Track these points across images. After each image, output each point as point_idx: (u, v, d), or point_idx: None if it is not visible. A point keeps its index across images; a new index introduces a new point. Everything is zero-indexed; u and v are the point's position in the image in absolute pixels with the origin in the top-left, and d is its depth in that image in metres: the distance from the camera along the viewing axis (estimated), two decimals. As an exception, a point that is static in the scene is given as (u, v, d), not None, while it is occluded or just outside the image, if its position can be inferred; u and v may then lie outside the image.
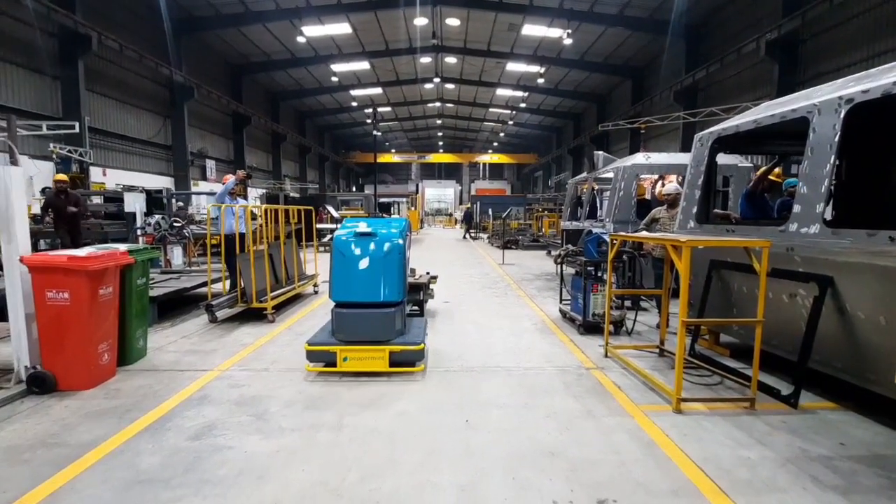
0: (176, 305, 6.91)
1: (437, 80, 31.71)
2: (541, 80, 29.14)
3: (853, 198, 4.95)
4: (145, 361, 4.59)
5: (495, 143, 53.52)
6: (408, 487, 2.54)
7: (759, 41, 14.88)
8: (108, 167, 17.52)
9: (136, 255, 4.40)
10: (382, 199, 28.05)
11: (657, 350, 4.92)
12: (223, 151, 26.88)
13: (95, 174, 16.33)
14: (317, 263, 9.19)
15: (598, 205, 10.47)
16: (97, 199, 12.78)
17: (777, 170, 5.57)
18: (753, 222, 4.94)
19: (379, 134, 43.12)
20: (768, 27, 14.50)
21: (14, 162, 3.63)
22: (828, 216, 3.78)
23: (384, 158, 52.15)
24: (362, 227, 4.38)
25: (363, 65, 28.47)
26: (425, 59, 28.69)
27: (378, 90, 33.75)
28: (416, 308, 6.15)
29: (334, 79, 30.47)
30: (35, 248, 7.09)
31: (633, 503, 2.43)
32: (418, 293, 6.17)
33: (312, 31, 23.13)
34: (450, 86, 34.19)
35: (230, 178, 7.04)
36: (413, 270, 6.50)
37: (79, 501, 2.40)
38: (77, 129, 13.29)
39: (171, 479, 2.58)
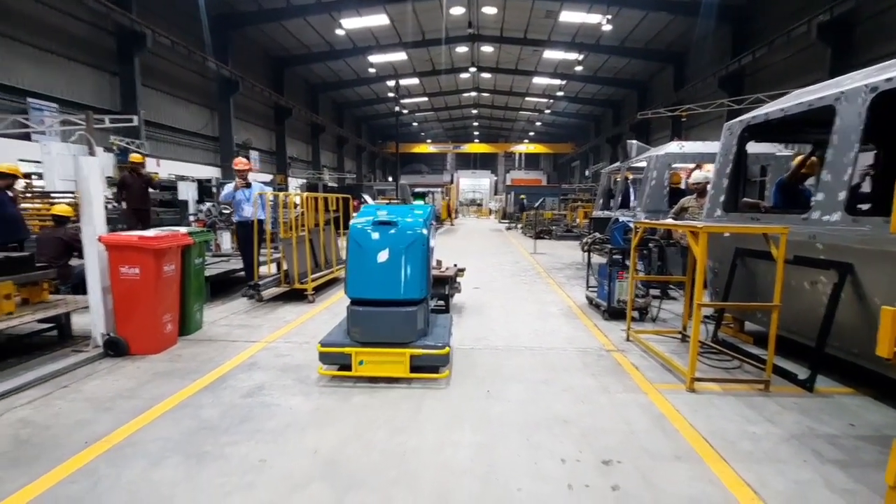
0: (226, 286, 7.49)
1: (472, 69, 31.67)
2: (579, 68, 28.66)
3: (878, 185, 4.87)
4: (201, 333, 5.10)
5: (531, 133, 52.95)
6: (431, 443, 2.85)
7: (810, 23, 14.19)
8: (162, 158, 18.63)
9: (195, 237, 4.88)
10: (417, 189, 28.44)
11: (679, 335, 5.03)
12: (266, 143, 27.94)
13: (150, 165, 17.41)
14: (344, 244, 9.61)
15: (632, 194, 10.43)
16: (152, 189, 13.70)
17: (813, 159, 5.49)
18: (781, 210, 4.94)
19: (406, 111, 43.34)
20: (820, 8, 13.80)
21: (91, 153, 4.11)
22: (851, 204, 3.80)
23: (420, 149, 52.61)
24: (382, 214, 3.89)
25: (400, 55, 28.79)
26: (461, 49, 28.74)
27: (415, 80, 34.04)
28: (441, 303, 5.86)
29: (371, 70, 30.97)
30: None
31: (637, 465, 2.65)
32: (444, 287, 5.80)
33: (351, 23, 23.62)
34: (486, 75, 34.07)
35: (229, 186, 7.06)
36: (439, 262, 6.23)
37: (154, 440, 2.83)
38: (135, 123, 14.25)
39: (228, 428, 2.99)
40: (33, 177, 11.33)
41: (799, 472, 2.59)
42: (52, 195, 10.45)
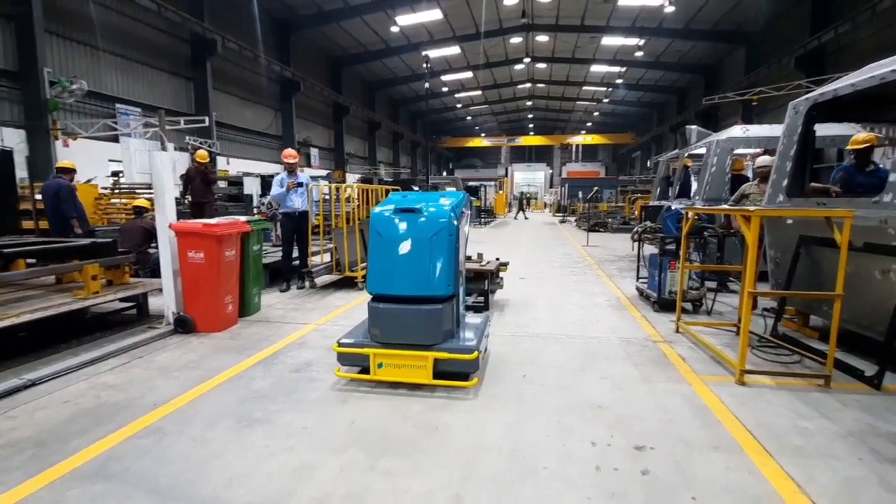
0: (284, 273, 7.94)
1: (527, 60, 31.16)
2: (639, 54, 27.44)
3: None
4: (259, 315, 5.47)
5: (589, 124, 51.33)
6: (462, 420, 2.93)
7: (901, -7, 12.76)
8: (231, 156, 19.92)
9: (253, 225, 5.24)
10: (470, 183, 28.47)
11: (734, 328, 4.78)
12: (325, 140, 29.06)
13: (221, 163, 18.70)
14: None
15: (693, 183, 9.91)
16: (222, 184, 14.72)
17: (871, 136, 4.97)
18: (853, 194, 4.55)
19: (460, 106, 43.46)
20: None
21: (164, 148, 4.55)
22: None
23: (473, 143, 52.54)
24: (406, 201, 3.56)
25: (454, 49, 28.86)
26: (515, 40, 28.36)
27: (468, 74, 34.01)
28: (480, 300, 5.55)
29: (426, 65, 31.21)
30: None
31: (671, 452, 2.59)
32: (483, 282, 5.43)
33: (405, 19, 23.98)
34: (541, 65, 33.40)
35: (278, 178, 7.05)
36: (480, 256, 6.02)
37: (212, 404, 3.12)
38: (206, 123, 15.36)
39: (276, 397, 3.23)
40: (120, 174, 12.53)
41: (852, 469, 2.42)
42: (136, 190, 11.54)
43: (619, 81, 34.65)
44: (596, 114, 47.22)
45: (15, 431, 2.78)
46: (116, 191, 11.98)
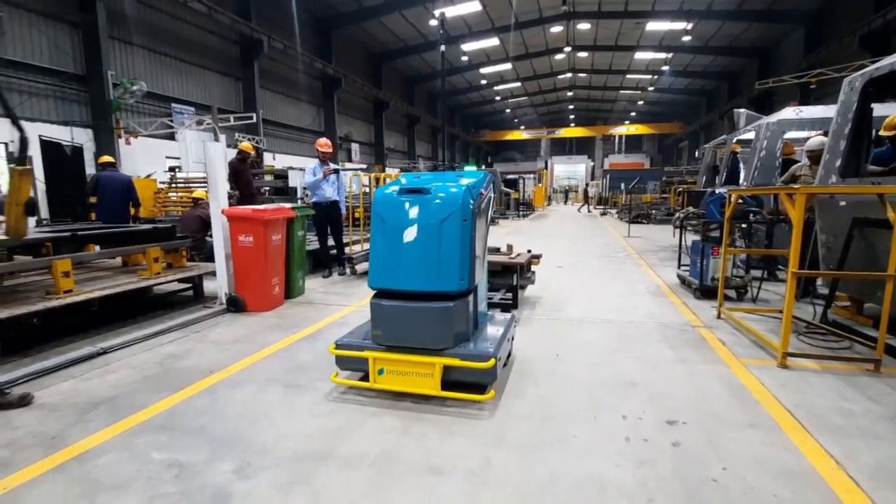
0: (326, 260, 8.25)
1: (567, 49, 30.51)
2: (687, 38, 26.35)
3: None
4: (303, 297, 5.75)
5: (633, 113, 49.74)
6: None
7: None
8: (277, 152, 20.69)
9: (297, 212, 5.51)
10: (508, 176, 28.29)
11: (780, 314, 4.60)
12: (365, 135, 29.63)
13: (267, 158, 19.47)
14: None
15: (742, 170, 9.50)
16: (268, 178, 15.36)
17: None
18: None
19: (498, 98, 43.10)
20: None
21: (216, 139, 4.88)
22: None
23: (513, 136, 52.04)
24: (415, 181, 3.11)
25: (493, 41, 28.69)
26: (556, 29, 27.84)
27: (507, 66, 33.71)
28: (508, 297, 4.95)
29: (464, 58, 31.25)
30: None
31: (704, 427, 2.58)
32: (510, 277, 4.93)
33: (444, 12, 24.02)
34: (582, 54, 32.64)
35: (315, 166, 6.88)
36: (510, 247, 5.49)
37: (261, 372, 3.36)
38: (254, 120, 16.05)
39: (318, 369, 3.43)
40: (177, 170, 13.31)
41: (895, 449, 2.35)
42: (190, 185, 12.25)
43: (665, 68, 33.39)
44: (640, 103, 45.70)
45: (91, 391, 3.10)
46: (173, 185, 12.76)
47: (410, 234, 2.85)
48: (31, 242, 4.29)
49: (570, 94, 43.89)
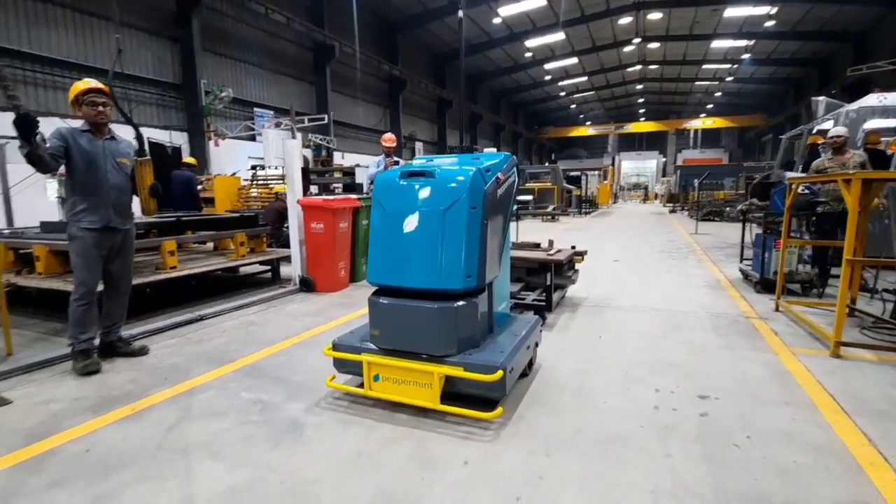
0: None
1: (637, 40, 29.43)
2: (770, 23, 24.53)
3: None
4: (366, 281, 6.26)
5: (709, 106, 46.78)
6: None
7: None
8: (346, 151, 21.82)
9: (363, 202, 6.01)
10: (572, 173, 27.82)
11: (846, 309, 4.43)
12: (429, 134, 30.34)
13: (336, 157, 20.62)
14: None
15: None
16: (337, 175, 16.35)
17: None
18: None
19: (563, 94, 42.24)
20: None
21: (293, 136, 5.48)
22: None
23: (578, 132, 50.82)
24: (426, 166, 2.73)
25: (558, 36, 28.25)
26: (625, 20, 26.94)
27: (573, 60, 33.03)
28: (543, 297, 4.36)
29: (528, 54, 31.07)
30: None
31: (736, 402, 2.67)
32: (543, 276, 4.39)
33: (507, 10, 24.09)
34: (653, 45, 31.27)
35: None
36: (551, 243, 5.12)
37: (328, 339, 3.82)
38: (325, 121, 17.10)
39: (378, 339, 3.85)
40: (258, 168, 14.55)
41: (941, 434, 2.33)
42: (269, 182, 13.36)
43: (745, 57, 31.19)
44: (718, 94, 42.91)
45: (191, 346, 3.72)
46: (254, 182, 13.97)
47: (411, 223, 2.51)
48: (146, 225, 5.08)
49: (639, 87, 42.16)
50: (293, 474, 2.05)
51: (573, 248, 5.05)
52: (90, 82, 3.22)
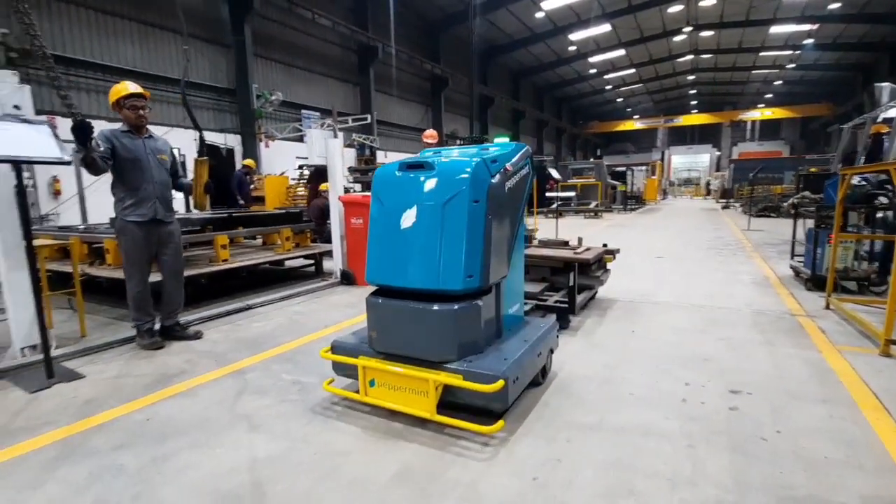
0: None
1: (688, 29, 28.20)
2: (835, 6, 22.92)
3: None
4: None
5: (768, 95, 44.13)
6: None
7: None
8: (388, 150, 22.26)
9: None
10: (617, 168, 27.07)
11: (905, 307, 4.16)
12: (469, 132, 30.40)
13: (379, 156, 21.08)
14: (536, 221, 10.21)
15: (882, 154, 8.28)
16: (380, 174, 16.72)
17: None
18: None
19: (609, 87, 41.07)
20: None
21: (335, 136, 5.74)
22: None
23: (625, 126, 49.34)
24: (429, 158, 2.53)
25: (603, 28, 27.56)
26: (674, 8, 25.87)
27: (619, 52, 32.10)
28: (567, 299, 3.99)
29: (572, 48, 30.48)
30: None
31: (769, 398, 2.61)
32: (566, 276, 4.06)
33: (550, 3, 23.76)
34: (706, 33, 29.86)
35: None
36: (580, 240, 4.91)
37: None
38: (368, 121, 17.54)
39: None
40: (304, 167, 15.15)
41: None
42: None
43: (808, 42, 29.22)
44: (778, 83, 40.40)
45: (240, 332, 4.00)
46: (301, 181, 14.55)
47: (409, 218, 2.36)
48: (202, 221, 5.47)
49: (691, 77, 40.36)
50: (325, 446, 2.22)
51: (604, 245, 4.82)
52: (131, 87, 3.51)
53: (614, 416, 2.45)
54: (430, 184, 2.35)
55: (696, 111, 48.21)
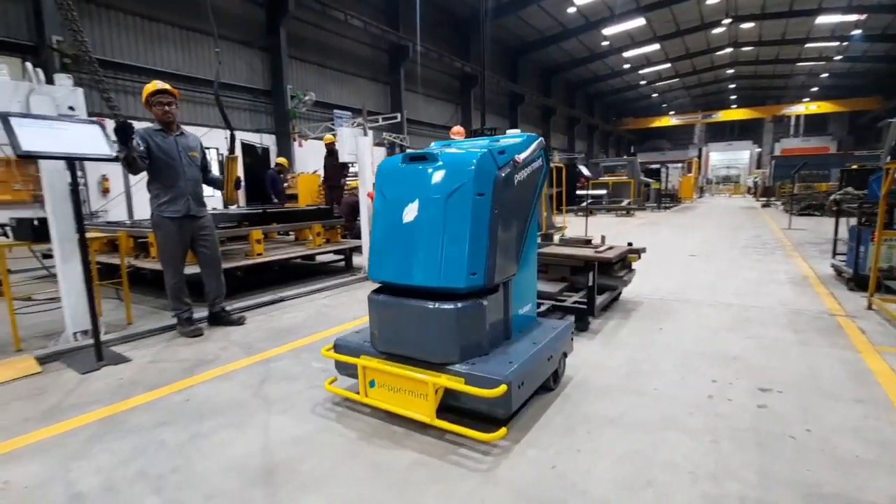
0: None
1: (727, 21, 27.22)
2: (890, -8, 21.60)
3: None
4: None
5: (814, 89, 42.05)
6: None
7: None
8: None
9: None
10: (651, 166, 26.43)
11: (956, 309, 3.94)
12: (500, 130, 30.27)
13: (409, 154, 21.27)
14: (565, 219, 10.13)
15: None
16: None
17: None
18: None
19: (643, 83, 40.08)
20: None
21: (364, 134, 5.88)
22: None
23: (660, 123, 48.08)
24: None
25: (637, 22, 26.94)
26: (712, 0, 25.06)
27: (654, 46, 31.29)
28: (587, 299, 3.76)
29: (605, 43, 29.92)
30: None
31: (800, 397, 2.55)
32: (586, 276, 3.82)
33: (583, -2, 23.42)
34: (747, 25, 28.74)
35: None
36: (603, 238, 4.82)
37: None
38: (398, 120, 17.73)
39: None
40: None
41: None
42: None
43: (856, 33, 27.72)
44: (824, 76, 38.47)
45: (273, 322, 4.16)
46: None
47: (411, 212, 2.25)
48: (238, 217, 5.70)
49: (730, 71, 38.91)
50: (350, 429, 2.31)
51: (629, 244, 4.62)
52: (159, 84, 3.69)
53: (634, 413, 2.44)
54: (432, 176, 2.25)
55: (735, 106, 46.51)
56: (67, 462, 2.07)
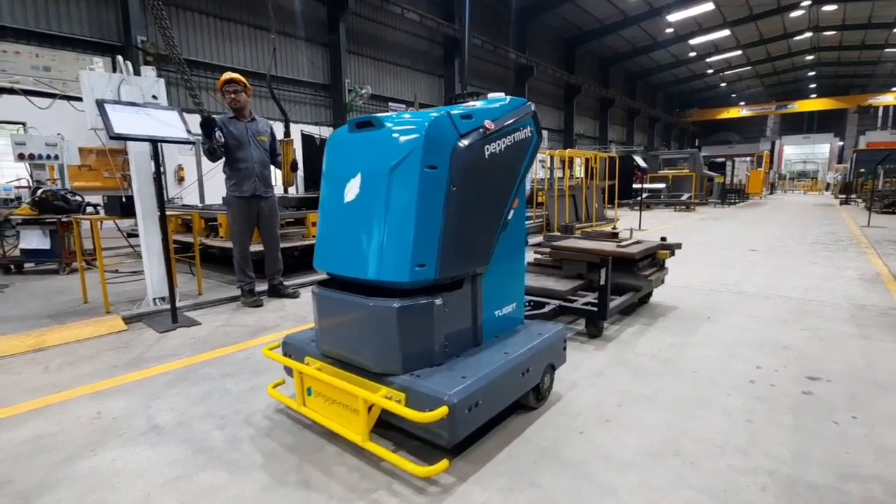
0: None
1: (807, 3, 25.18)
2: None
3: None
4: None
5: (909, 76, 38.06)
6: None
7: None
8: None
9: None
10: (717, 159, 25.01)
11: None
12: (554, 121, 29.70)
13: (461, 146, 21.42)
14: (617, 212, 9.90)
15: None
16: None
17: None
18: None
19: (711, 71, 37.83)
20: None
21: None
22: None
23: (728, 114, 45.31)
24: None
25: (706, 7, 25.49)
26: (791, -19, 23.27)
27: (724, 32, 29.48)
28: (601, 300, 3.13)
29: (669, 30, 28.55)
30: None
31: (850, 387, 2.45)
32: (599, 272, 3.11)
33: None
34: (828, 7, 26.45)
35: None
36: (631, 232, 4.25)
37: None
38: (451, 112, 17.93)
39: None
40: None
41: None
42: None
43: (967, 9, 24.74)
44: (923, 61, 34.72)
45: (292, 308, 4.43)
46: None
47: (352, 190, 1.87)
48: (297, 201, 6.06)
49: (810, 58, 35.97)
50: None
51: (663, 239, 4.11)
52: (227, 75, 4.01)
53: (667, 390, 2.44)
54: (377, 145, 1.83)
55: (815, 96, 42.98)
56: (148, 401, 2.39)
